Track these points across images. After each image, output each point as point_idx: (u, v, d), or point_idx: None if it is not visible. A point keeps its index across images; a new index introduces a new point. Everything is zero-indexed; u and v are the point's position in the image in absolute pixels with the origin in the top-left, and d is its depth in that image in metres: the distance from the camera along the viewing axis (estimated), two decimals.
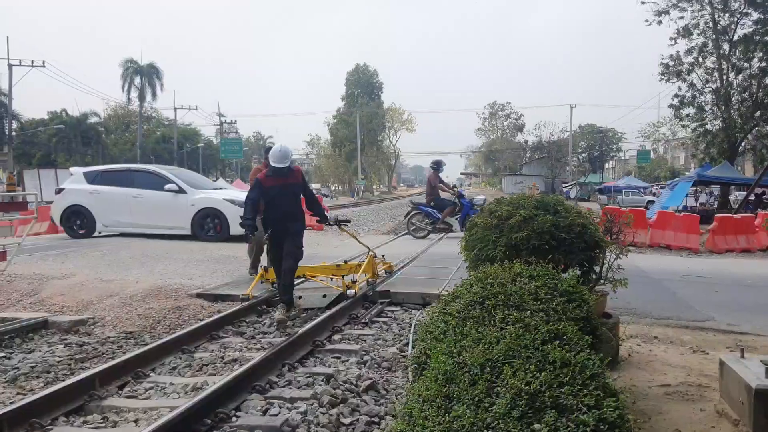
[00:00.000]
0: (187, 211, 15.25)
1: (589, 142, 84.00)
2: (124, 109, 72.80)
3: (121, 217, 15.72)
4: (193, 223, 15.25)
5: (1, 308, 8.34)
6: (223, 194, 15.98)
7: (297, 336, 6.28)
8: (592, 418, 2.14)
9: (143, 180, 15.85)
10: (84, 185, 15.99)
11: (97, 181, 15.96)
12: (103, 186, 15.86)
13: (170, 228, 15.40)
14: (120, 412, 4.76)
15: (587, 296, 3.84)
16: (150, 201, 15.47)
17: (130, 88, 64.79)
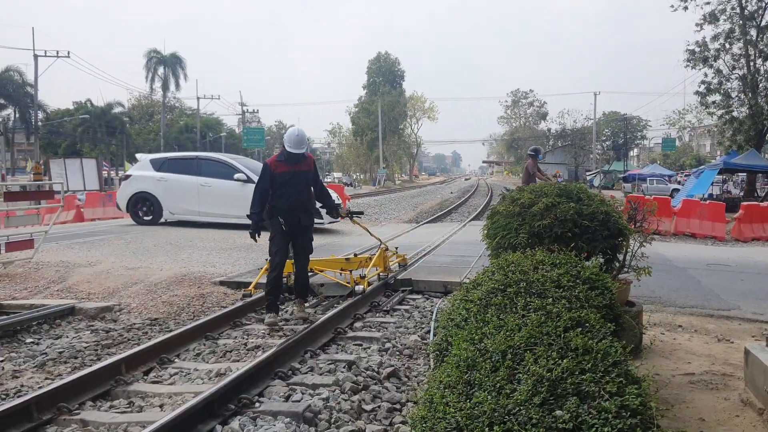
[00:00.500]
0: None
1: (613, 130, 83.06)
2: (147, 99, 73.45)
3: (189, 205, 15.62)
4: None
5: (29, 295, 8.49)
6: None
7: (319, 323, 6.31)
8: (614, 405, 2.13)
9: (211, 168, 15.72)
10: (151, 172, 15.96)
11: (164, 169, 15.89)
12: (170, 173, 15.78)
13: (237, 217, 15.05)
14: (145, 397, 4.84)
15: (610, 284, 3.81)
16: (218, 190, 15.35)
17: (154, 78, 65.27)
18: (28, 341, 6.66)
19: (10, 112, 55.93)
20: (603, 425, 2.03)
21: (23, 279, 9.13)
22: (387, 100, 77.75)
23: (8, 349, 6.42)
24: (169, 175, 15.74)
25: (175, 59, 65.70)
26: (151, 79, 65.31)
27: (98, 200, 26.47)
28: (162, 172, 15.83)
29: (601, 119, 77.71)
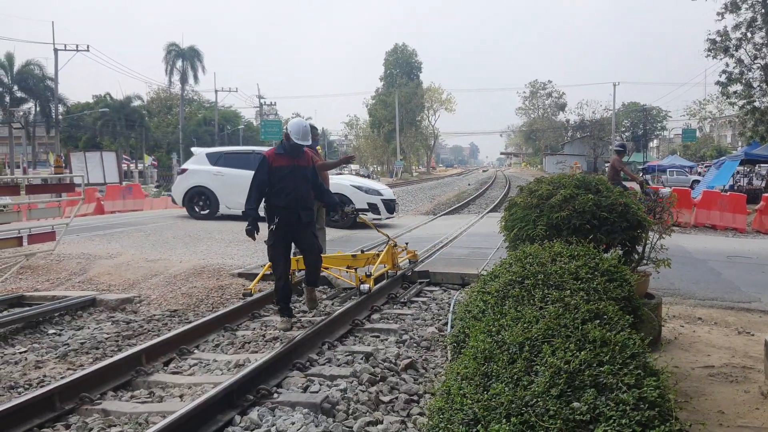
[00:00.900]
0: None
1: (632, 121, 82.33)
2: (166, 92, 73.83)
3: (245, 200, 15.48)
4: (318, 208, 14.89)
5: (51, 287, 8.61)
6: (350, 180, 15.88)
7: (336, 315, 6.34)
8: (632, 397, 2.13)
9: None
10: (207, 166, 15.79)
11: (221, 163, 15.75)
12: (227, 168, 15.54)
13: None
14: (166, 387, 4.89)
15: (629, 276, 3.79)
16: None
17: (173, 71, 65.60)
18: (51, 332, 6.76)
19: (31, 105, 56.52)
20: (621, 417, 2.03)
21: (45, 271, 9.25)
22: (404, 91, 77.56)
23: (31, 339, 6.53)
24: (226, 169, 15.51)
25: (193, 52, 65.97)
26: (169, 72, 65.67)
27: (118, 193, 26.71)
28: (218, 167, 15.65)
29: (620, 110, 77.03)
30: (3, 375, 5.34)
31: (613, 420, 2.02)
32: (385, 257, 8.16)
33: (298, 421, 4.03)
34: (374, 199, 15.08)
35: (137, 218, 16.29)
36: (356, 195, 14.82)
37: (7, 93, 54.67)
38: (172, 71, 65.68)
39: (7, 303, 7.83)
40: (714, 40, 30.60)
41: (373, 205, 14.97)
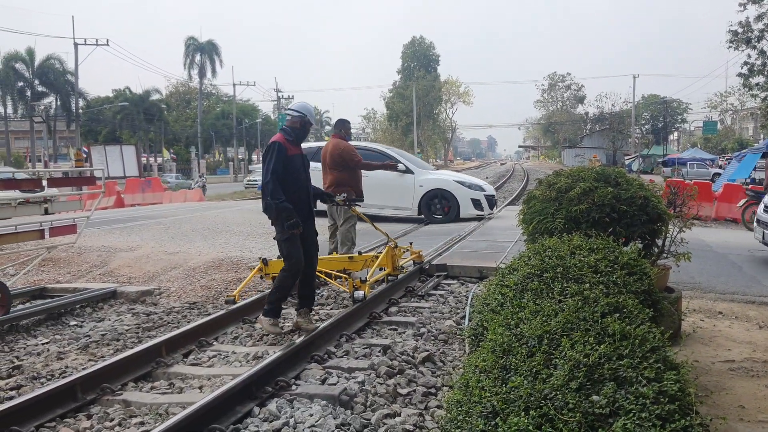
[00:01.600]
0: (415, 192, 14.69)
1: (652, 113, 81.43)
2: (184, 86, 74.24)
3: None
4: (421, 205, 14.73)
5: (72, 279, 8.71)
6: (452, 175, 15.72)
7: (354, 308, 6.35)
8: (651, 391, 2.12)
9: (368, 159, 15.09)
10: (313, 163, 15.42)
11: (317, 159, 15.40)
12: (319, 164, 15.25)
13: (396, 209, 14.91)
14: (185, 379, 4.94)
15: (648, 269, 3.77)
16: (376, 181, 14.46)
17: (191, 65, 65.98)
18: (72, 324, 6.85)
19: (52, 100, 57.13)
20: (640, 411, 2.02)
21: (66, 263, 9.36)
22: (422, 84, 77.33)
23: (53, 331, 6.61)
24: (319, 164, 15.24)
25: (211, 46, 66.34)
26: (188, 66, 66.08)
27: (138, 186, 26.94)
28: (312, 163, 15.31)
29: (640, 102, 76.27)
30: (26, 365, 5.42)
31: (632, 413, 2.01)
32: (385, 259, 7.46)
33: (317, 413, 4.05)
34: (477, 195, 14.91)
35: (156, 211, 16.42)
36: (460, 191, 14.66)
37: (29, 87, 55.33)
38: (191, 65, 66.11)
39: (30, 295, 7.95)
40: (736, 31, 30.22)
41: (477, 201, 14.78)
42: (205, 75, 67.41)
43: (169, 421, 3.67)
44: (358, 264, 7.33)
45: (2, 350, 6.00)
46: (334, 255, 7.97)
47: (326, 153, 8.83)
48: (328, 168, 8.76)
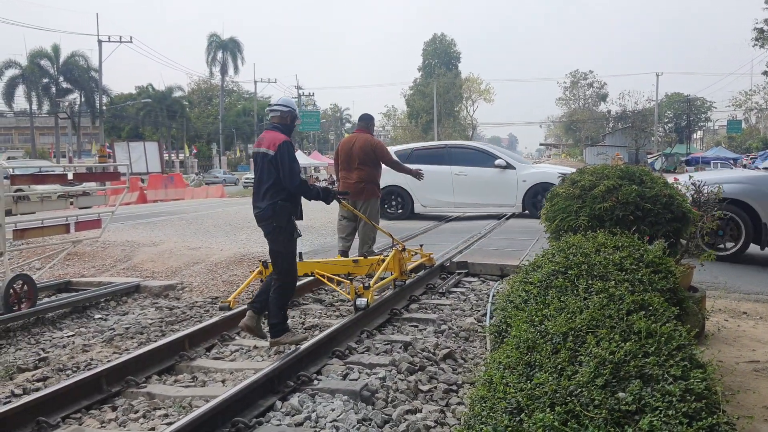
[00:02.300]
0: (518, 187, 14.46)
1: (675, 112, 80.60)
2: (206, 83, 74.75)
3: (442, 196, 14.91)
4: (525, 200, 14.50)
5: (97, 273, 8.82)
6: (555, 168, 15.49)
7: (375, 304, 6.36)
8: (678, 389, 2.10)
9: (464, 157, 15.00)
10: None
11: (411, 160, 14.78)
12: (419, 164, 14.46)
13: (498, 206, 14.79)
14: (208, 372, 4.98)
15: (674, 268, 3.74)
16: (475, 178, 14.69)
17: (213, 63, 66.40)
18: (97, 317, 6.94)
19: (76, 96, 57.77)
20: (667, 408, 2.01)
21: (91, 257, 9.48)
22: (442, 82, 77.14)
23: (78, 324, 6.71)
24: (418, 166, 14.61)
25: (233, 44, 66.69)
26: (210, 63, 66.49)
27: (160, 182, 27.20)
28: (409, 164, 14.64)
29: (663, 101, 75.49)
30: (52, 358, 5.50)
31: (659, 411, 2.00)
32: (392, 263, 6.99)
33: (338, 407, 4.07)
34: None
35: (179, 207, 16.56)
36: None
37: (54, 84, 56.04)
38: (212, 62, 66.52)
39: (55, 288, 8.06)
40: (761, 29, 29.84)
41: None
42: (226, 72, 67.84)
43: (193, 414, 3.71)
44: (363, 268, 7.10)
45: (29, 342, 6.10)
46: (338, 258, 7.66)
47: (352, 147, 8.47)
48: (354, 163, 8.37)
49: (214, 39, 65.80)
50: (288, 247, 5.39)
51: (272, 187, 5.24)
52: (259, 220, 5.38)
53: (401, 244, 7.50)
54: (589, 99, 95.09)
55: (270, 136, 5.35)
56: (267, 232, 5.40)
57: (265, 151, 5.26)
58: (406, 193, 15.05)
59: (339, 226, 8.68)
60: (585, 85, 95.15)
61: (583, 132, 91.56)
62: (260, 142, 5.40)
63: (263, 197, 5.28)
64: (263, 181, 5.28)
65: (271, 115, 5.57)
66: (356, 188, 8.27)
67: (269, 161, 5.22)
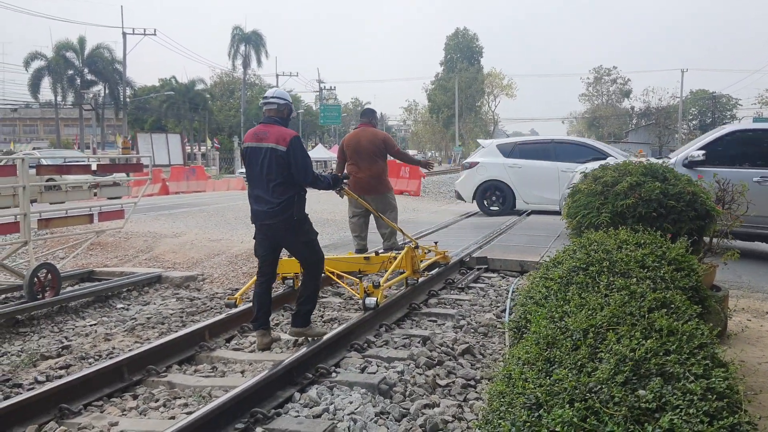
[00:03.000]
0: None
1: (700, 109, 79.63)
2: (229, 76, 75.08)
3: (547, 194, 14.05)
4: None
5: (119, 263, 8.92)
6: None
7: (394, 298, 6.37)
8: (699, 387, 2.08)
9: (572, 152, 14.19)
10: (501, 159, 14.72)
11: (515, 155, 14.71)
12: (524, 159, 14.52)
13: None
14: (228, 363, 5.02)
15: (696, 266, 3.70)
16: None
17: (236, 56, 66.67)
18: (119, 306, 7.02)
19: (101, 88, 58.38)
20: (688, 407, 1.99)
21: (114, 248, 9.59)
22: (464, 77, 76.85)
23: (100, 313, 6.79)
24: (523, 161, 14.49)
25: (256, 37, 66.86)
26: (233, 56, 66.75)
27: (182, 174, 27.42)
28: (513, 158, 14.61)
29: (687, 98, 74.62)
30: (75, 346, 5.58)
31: (679, 409, 1.98)
32: (404, 261, 6.77)
33: (356, 400, 4.08)
34: None
35: (200, 199, 16.68)
36: None
37: (78, 76, 56.68)
38: (235, 55, 66.76)
39: (79, 277, 8.17)
40: None
41: None
42: (249, 65, 68.06)
43: (212, 404, 3.74)
44: (374, 266, 6.92)
45: (52, 330, 6.19)
46: (350, 254, 7.40)
47: (360, 142, 8.27)
48: (364, 158, 8.20)
49: (237, 32, 66.02)
50: (314, 233, 5.40)
51: (285, 182, 5.11)
52: (271, 216, 5.16)
53: (414, 240, 7.33)
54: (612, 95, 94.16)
55: (276, 131, 5.19)
56: (285, 227, 5.20)
57: (273, 146, 5.10)
58: (508, 188, 14.55)
59: (351, 226, 8.56)
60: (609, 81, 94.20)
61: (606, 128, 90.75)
62: (261, 137, 5.20)
63: (274, 193, 5.12)
64: (273, 176, 5.10)
65: (267, 108, 5.41)
66: (368, 184, 8.14)
67: (279, 156, 5.07)
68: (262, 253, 5.43)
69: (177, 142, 50.35)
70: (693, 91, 79.09)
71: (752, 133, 10.13)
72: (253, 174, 5.25)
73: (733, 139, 9.95)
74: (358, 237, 8.46)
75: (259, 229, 5.34)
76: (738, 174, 8.95)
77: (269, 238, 5.32)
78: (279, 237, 5.28)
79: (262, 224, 5.27)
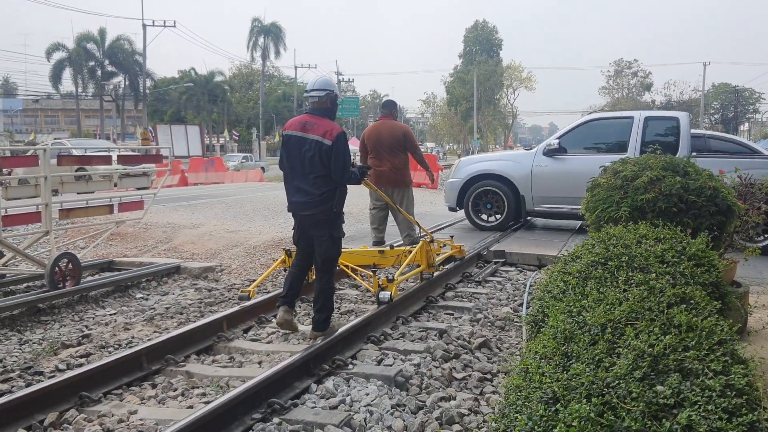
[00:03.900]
0: None
1: (722, 103, 78.65)
2: (247, 68, 75.29)
3: None
4: None
5: (138, 253, 9.00)
6: None
7: (411, 291, 6.38)
8: (718, 384, 2.06)
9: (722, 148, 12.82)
10: None
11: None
12: None
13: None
14: (245, 354, 5.06)
15: (717, 261, 3.66)
16: None
17: (255, 47, 66.79)
18: (138, 296, 7.09)
19: (121, 79, 58.79)
20: (706, 403, 1.98)
21: (133, 238, 9.68)
22: (483, 69, 76.38)
23: (120, 303, 6.86)
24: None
25: (275, 29, 66.91)
26: (252, 48, 66.90)
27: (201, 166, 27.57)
28: None
29: (710, 91, 73.72)
30: (95, 335, 5.64)
31: (698, 405, 1.97)
32: (418, 255, 6.73)
33: (372, 392, 4.09)
34: None
35: (219, 190, 16.76)
36: None
37: (99, 67, 57.11)
38: (254, 47, 66.88)
39: (98, 267, 8.26)
40: None
41: None
42: (268, 57, 68.17)
43: (230, 394, 3.78)
44: (389, 260, 6.85)
45: (73, 319, 6.26)
46: (364, 248, 7.34)
47: (381, 135, 8.17)
48: (386, 151, 8.11)
49: (256, 24, 66.12)
50: (343, 231, 5.35)
51: (327, 174, 5.04)
52: (311, 207, 5.10)
53: (429, 234, 7.26)
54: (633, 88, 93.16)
55: (323, 124, 5.09)
56: (322, 219, 5.13)
57: (319, 139, 5.00)
58: None
59: (371, 218, 8.48)
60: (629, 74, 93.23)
61: None
62: (308, 128, 5.09)
63: (315, 184, 5.05)
64: (315, 168, 5.03)
65: (311, 100, 5.27)
66: (390, 177, 8.05)
67: (324, 151, 4.99)
68: (300, 244, 5.39)
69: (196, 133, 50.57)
70: (715, 85, 78.12)
71: (603, 121, 10.96)
72: (293, 164, 5.15)
73: (587, 129, 10.59)
74: (376, 229, 8.43)
75: (297, 219, 5.31)
76: (587, 161, 9.78)
77: (305, 229, 5.28)
78: (313, 228, 5.21)
79: (301, 215, 5.23)
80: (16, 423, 3.73)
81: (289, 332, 5.48)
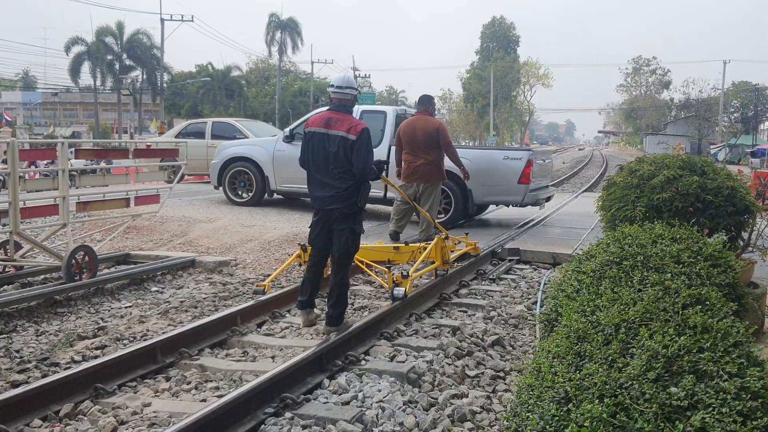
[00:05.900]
0: None
1: (742, 101, 77.76)
2: (264, 62, 75.42)
3: None
4: None
5: (154, 247, 9.06)
6: None
7: (425, 288, 6.37)
8: (733, 386, 2.05)
9: None
10: None
11: None
12: None
13: None
14: (258, 348, 5.08)
15: (733, 262, 3.63)
16: None
17: (272, 42, 66.92)
18: (153, 289, 7.14)
19: (139, 73, 59.11)
20: (721, 406, 1.96)
21: (149, 232, 9.73)
22: (500, 66, 76.06)
23: (135, 296, 6.91)
24: None
25: (292, 24, 67.01)
26: (269, 43, 67.03)
27: None
28: None
29: (729, 89, 72.89)
30: (110, 327, 5.69)
31: (712, 408, 1.95)
32: (433, 252, 6.70)
33: (385, 388, 4.10)
34: None
35: None
36: None
37: (117, 61, 57.44)
38: (271, 42, 67.01)
39: (114, 260, 8.31)
40: None
41: None
42: (285, 52, 68.29)
43: (243, 388, 3.79)
44: (404, 256, 6.86)
45: (89, 312, 6.32)
46: (379, 243, 7.34)
47: (415, 131, 8.20)
48: (420, 147, 8.15)
49: (274, 19, 66.25)
50: (362, 227, 5.46)
51: (351, 169, 5.13)
52: (336, 201, 5.20)
53: (444, 231, 7.25)
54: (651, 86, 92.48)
55: (348, 120, 5.20)
56: (346, 213, 5.24)
57: (344, 134, 5.09)
58: None
59: (395, 209, 8.61)
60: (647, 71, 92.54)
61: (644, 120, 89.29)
62: (331, 124, 5.17)
63: (340, 179, 5.15)
64: (341, 163, 5.12)
65: (337, 96, 5.35)
66: (423, 171, 8.14)
67: (348, 145, 5.08)
68: (318, 242, 5.45)
69: None
70: (735, 83, 77.25)
71: None
72: (317, 159, 5.24)
73: None
74: (396, 221, 8.46)
75: (321, 214, 5.37)
76: None
77: (327, 224, 5.34)
78: (336, 222, 5.29)
79: (326, 210, 5.31)
80: (32, 413, 3.78)
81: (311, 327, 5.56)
